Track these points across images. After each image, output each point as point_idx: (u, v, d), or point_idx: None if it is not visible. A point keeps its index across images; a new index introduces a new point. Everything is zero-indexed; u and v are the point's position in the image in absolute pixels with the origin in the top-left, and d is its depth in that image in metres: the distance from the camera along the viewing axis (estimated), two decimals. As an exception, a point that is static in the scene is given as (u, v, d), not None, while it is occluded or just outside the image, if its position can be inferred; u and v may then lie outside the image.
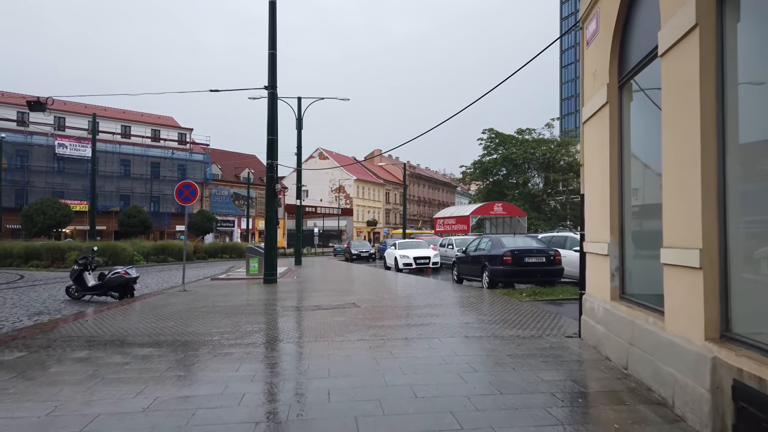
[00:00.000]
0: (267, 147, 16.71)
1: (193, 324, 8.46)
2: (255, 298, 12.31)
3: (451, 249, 24.15)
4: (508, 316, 8.75)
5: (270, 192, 16.65)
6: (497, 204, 37.10)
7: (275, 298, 12.15)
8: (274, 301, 11.68)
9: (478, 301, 10.89)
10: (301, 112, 30.66)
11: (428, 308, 9.84)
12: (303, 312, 9.78)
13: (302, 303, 11.20)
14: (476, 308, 9.85)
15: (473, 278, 14.27)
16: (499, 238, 13.34)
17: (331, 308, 10.11)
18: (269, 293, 13.40)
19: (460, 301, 10.88)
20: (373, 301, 11.26)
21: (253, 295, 13.05)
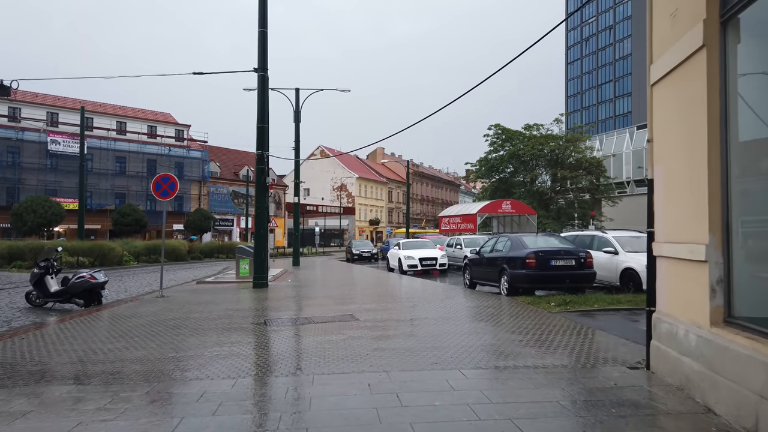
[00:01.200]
0: (257, 136, 15.02)
1: (149, 345, 6.77)
2: (237, 307, 10.62)
3: (459, 249, 22.42)
4: (542, 335, 7.04)
5: (260, 186, 14.96)
6: (505, 202, 35.34)
7: (261, 308, 10.45)
8: (258, 311, 9.98)
9: (498, 311, 9.17)
10: (299, 104, 28.98)
11: (441, 322, 8.12)
12: (289, 328, 8.08)
13: (292, 314, 9.49)
14: (499, 322, 8.13)
15: (488, 283, 12.55)
16: (520, 237, 11.61)
17: (325, 322, 8.41)
18: (255, 301, 11.71)
19: (478, 313, 9.17)
20: (375, 311, 9.55)
21: (236, 303, 11.36)
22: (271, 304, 10.95)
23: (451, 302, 10.56)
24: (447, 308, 9.69)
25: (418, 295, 12.08)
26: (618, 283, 12.06)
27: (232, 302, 11.42)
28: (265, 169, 14.96)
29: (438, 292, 12.83)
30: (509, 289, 11.15)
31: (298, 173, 29.58)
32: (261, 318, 8.94)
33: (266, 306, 10.67)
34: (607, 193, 46.97)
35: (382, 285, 15.74)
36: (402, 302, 10.89)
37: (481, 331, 7.37)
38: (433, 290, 13.25)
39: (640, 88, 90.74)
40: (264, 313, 9.67)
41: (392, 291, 13.56)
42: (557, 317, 8.50)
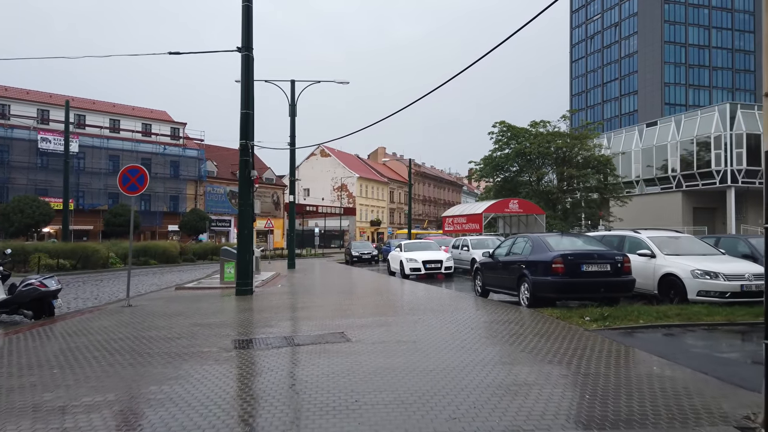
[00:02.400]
0: (240, 123, 13.35)
1: (64, 382, 5.08)
2: (208, 321, 8.92)
3: (465, 251, 20.70)
4: (589, 365, 5.35)
5: (244, 180, 13.28)
6: (513, 201, 33.62)
7: (235, 322, 8.75)
8: (230, 327, 8.29)
9: (522, 329, 7.47)
10: (294, 97, 27.33)
11: (454, 346, 6.42)
12: (260, 353, 6.37)
13: (269, 332, 7.80)
14: (527, 346, 6.43)
15: (504, 291, 10.82)
16: (543, 238, 9.87)
17: (308, 344, 6.71)
18: (233, 313, 10.01)
19: (497, 331, 7.47)
20: (372, 327, 7.86)
21: (209, 315, 9.65)
22: (249, 318, 9.25)
23: (462, 316, 8.86)
24: (458, 324, 7.99)
25: (422, 306, 10.38)
26: (656, 291, 10.35)
27: (204, 314, 9.72)
28: (249, 161, 13.29)
29: (445, 301, 11.12)
30: (531, 300, 9.42)
31: (293, 170, 27.92)
32: (229, 338, 7.24)
33: (242, 320, 8.97)
34: (616, 192, 45.20)
35: (381, 292, 14.04)
36: (404, 315, 9.19)
37: (507, 361, 5.67)
38: (440, 299, 11.54)
39: (645, 86, 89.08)
40: (237, 329, 7.97)
41: (393, 300, 11.86)
42: (598, 338, 6.80)
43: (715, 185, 46.72)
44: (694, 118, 49.40)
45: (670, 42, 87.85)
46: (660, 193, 51.50)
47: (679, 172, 49.49)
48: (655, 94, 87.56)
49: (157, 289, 16.80)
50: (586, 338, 6.79)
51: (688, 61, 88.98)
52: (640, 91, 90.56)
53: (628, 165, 53.23)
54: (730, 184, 45.72)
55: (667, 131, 51.18)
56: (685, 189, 49.17)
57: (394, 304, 10.97)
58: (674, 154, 50.30)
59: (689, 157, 48.87)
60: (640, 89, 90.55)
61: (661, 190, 51.54)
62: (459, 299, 11.35)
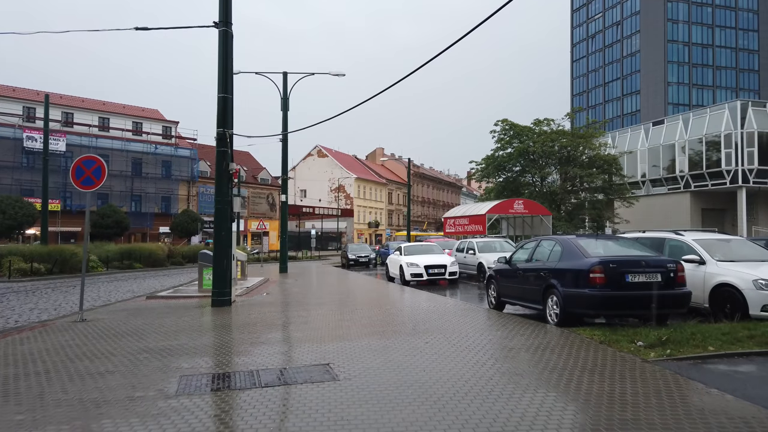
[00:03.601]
0: (218, 109, 11.64)
1: None
2: (164, 344, 7.19)
3: (471, 255, 18.99)
4: (679, 427, 3.63)
5: (221, 174, 11.57)
6: (517, 201, 31.92)
7: (195, 348, 7.02)
8: (188, 354, 6.56)
9: (562, 360, 5.77)
10: (286, 91, 25.64)
11: (482, 396, 4.70)
12: (204, 405, 4.65)
13: (233, 363, 6.08)
14: (581, 392, 4.72)
15: (526, 304, 9.10)
16: (575, 241, 8.09)
17: (278, 384, 5.00)
18: (198, 332, 8.28)
19: (533, 364, 5.75)
20: (366, 356, 6.15)
21: (169, 336, 7.93)
22: (215, 340, 7.52)
23: (479, 338, 7.14)
24: (476, 351, 6.28)
25: (427, 322, 8.67)
26: (706, 304, 8.66)
27: (164, 334, 8.00)
28: (227, 153, 11.57)
29: (454, 316, 9.41)
30: (561, 316, 7.71)
31: (285, 168, 26.22)
32: (177, 373, 5.52)
33: (204, 345, 7.23)
34: (622, 192, 43.55)
35: (379, 303, 12.32)
36: (406, 336, 7.47)
37: (560, 419, 3.95)
38: (447, 313, 9.83)
39: (648, 86, 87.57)
40: (191, 359, 6.24)
41: (392, 314, 10.13)
42: (666, 374, 5.11)
43: (726, 185, 45.10)
44: (702, 116, 47.80)
45: (673, 41, 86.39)
46: (667, 193, 49.88)
47: (687, 172, 47.87)
48: (658, 94, 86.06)
49: (129, 297, 15.07)
50: (651, 375, 5.09)
51: (692, 60, 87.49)
52: (643, 90, 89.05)
53: (633, 165, 51.59)
54: (741, 184, 44.10)
55: (674, 130, 49.56)
56: (694, 189, 47.55)
57: (394, 319, 9.26)
58: (682, 154, 48.68)
59: (698, 157, 47.26)
60: (642, 89, 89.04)
61: (668, 190, 49.92)
62: (470, 314, 9.64)
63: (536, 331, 7.40)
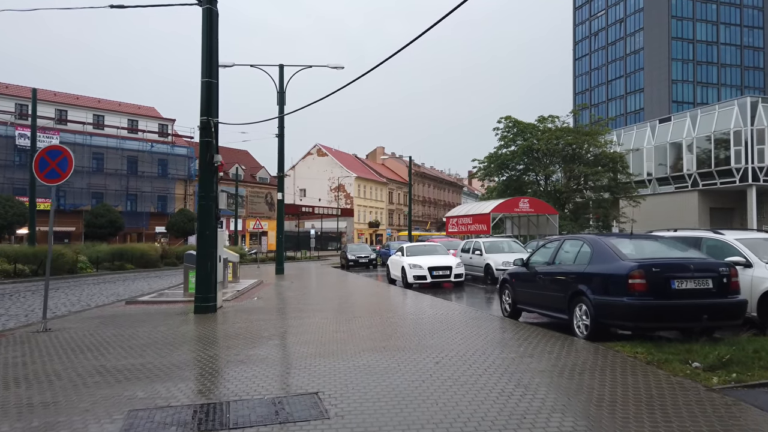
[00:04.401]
0: (201, 95, 10.57)
1: None
2: (124, 364, 6.10)
3: (478, 255, 17.88)
4: None
5: (205, 167, 10.49)
6: (523, 200, 30.81)
7: (161, 367, 5.91)
8: (148, 377, 5.46)
9: (603, 384, 4.68)
10: (283, 84, 24.55)
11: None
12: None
13: (204, 390, 4.97)
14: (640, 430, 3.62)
15: (547, 313, 7.99)
16: (608, 241, 6.94)
17: (248, 424, 3.88)
18: (170, 347, 7.18)
19: (571, 393, 4.65)
20: (365, 382, 5.05)
21: (135, 351, 6.83)
22: (186, 357, 6.42)
23: (500, 357, 6.04)
24: (501, 376, 5.18)
25: (435, 334, 7.58)
26: (754, 313, 7.55)
27: (129, 349, 6.91)
28: (212, 143, 10.49)
29: (466, 327, 8.31)
30: (593, 329, 6.60)
31: (282, 164, 25.12)
32: (129, 404, 4.41)
33: (173, 363, 6.12)
34: (628, 191, 42.43)
35: (380, 309, 11.23)
36: (411, 352, 6.37)
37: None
38: (457, 322, 8.74)
39: (652, 84, 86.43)
40: (150, 386, 5.13)
41: (394, 323, 9.03)
42: (742, 407, 4.00)
43: (735, 184, 43.99)
44: (711, 113, 46.66)
45: (678, 38, 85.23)
46: (674, 192, 48.74)
47: (695, 170, 46.76)
48: (663, 92, 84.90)
49: (111, 301, 13.98)
50: (725, 410, 3.99)
51: (696, 58, 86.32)
52: (647, 88, 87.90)
53: (639, 163, 50.44)
54: (751, 182, 42.98)
55: (681, 127, 48.42)
56: (702, 188, 46.44)
57: (397, 330, 8.15)
58: (690, 152, 47.54)
59: (705, 155, 46.14)
60: (646, 87, 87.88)
61: (675, 189, 48.79)
62: (482, 323, 8.54)
63: (565, 347, 6.30)
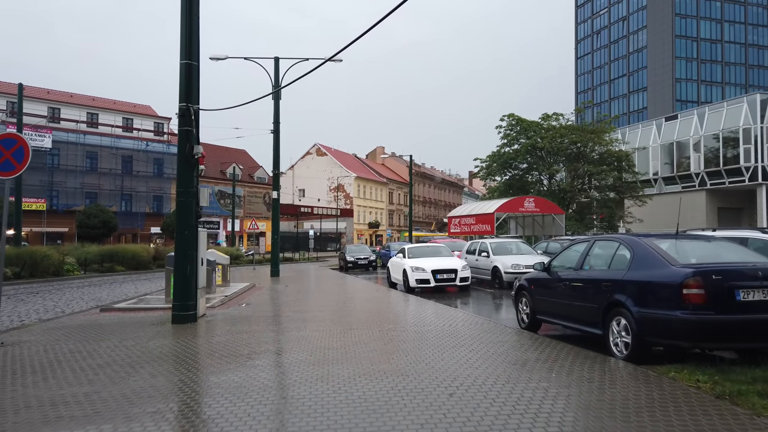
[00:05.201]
0: (180, 79, 9.44)
1: None
2: (70, 393, 4.98)
3: (485, 257, 16.74)
4: None
5: (184, 159, 9.35)
6: (528, 199, 29.69)
7: (107, 401, 4.79)
8: (83, 421, 4.33)
9: (665, 428, 3.55)
10: (278, 78, 23.44)
11: None
12: None
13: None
14: None
15: (575, 326, 6.87)
16: (651, 242, 5.78)
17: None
18: (130, 369, 6.05)
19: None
20: (360, 425, 3.92)
21: (85, 376, 5.71)
22: (141, 384, 5.29)
23: (529, 387, 4.91)
24: (538, 415, 4.06)
25: (444, 352, 6.47)
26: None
27: (80, 372, 5.80)
28: (191, 133, 9.35)
29: (480, 343, 7.18)
30: (636, 348, 5.47)
31: (277, 161, 24.00)
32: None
33: (122, 393, 4.99)
34: (633, 191, 41.30)
35: (379, 319, 10.11)
36: (418, 379, 5.25)
37: None
38: (467, 335, 7.62)
39: (656, 83, 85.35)
40: (87, 427, 4.01)
41: (395, 338, 7.90)
42: None
43: (744, 183, 42.84)
44: (719, 110, 45.50)
45: (682, 36, 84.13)
46: (681, 191, 47.56)
47: (702, 169, 45.60)
48: (666, 91, 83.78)
49: (87, 308, 12.86)
50: None
51: (700, 57, 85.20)
52: (650, 87, 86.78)
53: (645, 162, 49.28)
54: (761, 181, 41.83)
55: (688, 125, 47.27)
56: (710, 187, 45.28)
57: (398, 347, 7.02)
58: (697, 150, 46.39)
59: (713, 153, 45.00)
60: (649, 86, 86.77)
61: (682, 188, 47.63)
62: (498, 337, 7.41)
63: (606, 373, 5.17)
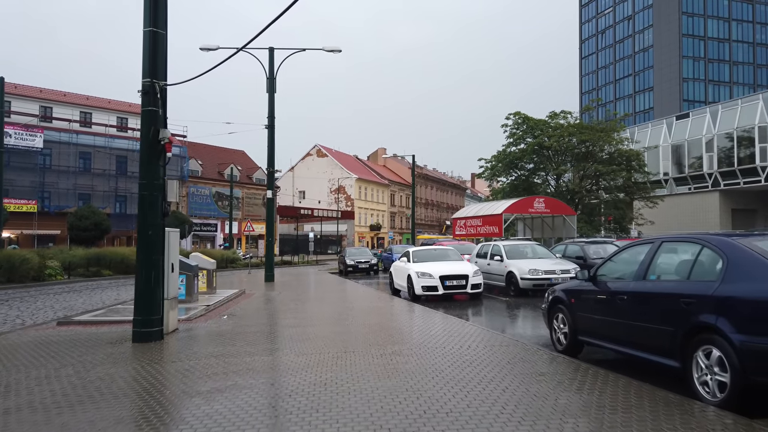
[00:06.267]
0: (144, 50, 7.94)
1: None
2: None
3: (497, 261, 15.17)
4: None
5: (148, 145, 7.83)
6: (538, 199, 28.16)
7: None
8: None
9: None
10: (273, 70, 21.96)
11: None
12: None
13: None
14: None
15: (636, 353, 5.29)
16: (753, 244, 4.35)
17: None
18: (36, 418, 4.52)
19: None
20: None
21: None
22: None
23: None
24: None
25: (468, 395, 4.95)
26: None
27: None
28: (157, 114, 7.84)
29: (511, 374, 5.64)
30: (737, 391, 3.96)
31: (272, 158, 22.46)
32: None
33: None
34: (645, 191, 39.76)
35: (380, 339, 8.57)
36: None
37: None
38: (495, 365, 6.08)
39: (662, 82, 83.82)
40: None
41: (402, 369, 6.35)
42: None
43: (760, 183, 41.26)
44: (733, 108, 43.93)
45: (689, 35, 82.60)
46: (693, 192, 46.05)
47: (715, 169, 44.04)
48: (673, 90, 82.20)
49: (48, 319, 11.34)
50: None
51: (707, 56, 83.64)
52: (656, 87, 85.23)
53: (655, 162, 47.73)
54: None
55: (701, 124, 45.71)
56: (723, 188, 43.71)
57: (407, 383, 5.49)
58: (710, 149, 44.82)
59: (727, 153, 43.46)
60: (656, 85, 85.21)
61: (694, 189, 46.09)
62: (534, 366, 5.86)
63: (694, 427, 3.62)
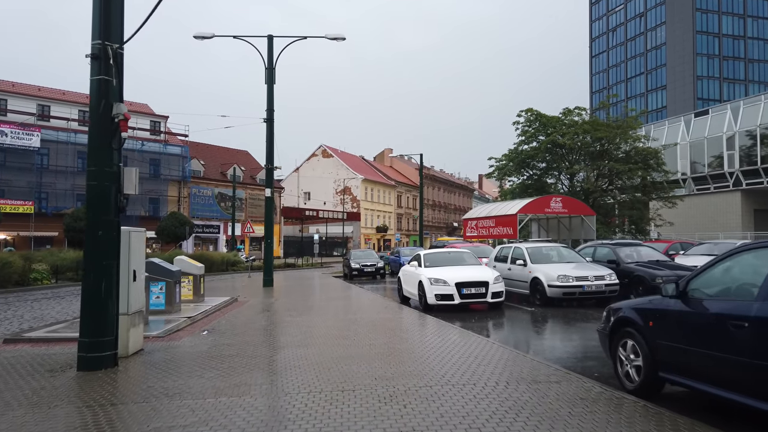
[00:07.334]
0: (94, 6, 6.37)
1: None
2: None
3: (520, 266, 13.47)
4: None
5: (98, 122, 6.26)
6: (555, 198, 26.39)
7: None
8: None
9: None
10: (272, 60, 20.44)
11: None
12: None
13: None
14: None
15: (754, 403, 3.72)
16: None
17: None
18: None
19: None
20: None
21: None
22: None
23: None
24: None
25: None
26: None
27: None
28: (110, 85, 6.26)
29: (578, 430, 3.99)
30: None
31: (271, 155, 20.91)
32: None
33: None
34: (663, 191, 37.85)
35: (387, 366, 6.94)
36: None
37: None
38: (549, 414, 4.45)
39: (675, 80, 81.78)
40: None
41: (416, 423, 4.74)
42: None
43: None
44: (756, 104, 41.96)
45: (703, 32, 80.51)
46: (713, 192, 44.11)
47: (737, 168, 42.10)
48: (687, 89, 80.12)
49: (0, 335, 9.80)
50: None
51: (722, 53, 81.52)
52: (669, 85, 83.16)
53: (672, 160, 45.74)
54: (804, 180, 38.44)
55: (721, 121, 43.78)
56: (745, 188, 41.78)
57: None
58: (731, 147, 42.86)
59: (750, 151, 41.53)
60: (669, 84, 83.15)
61: (714, 189, 44.16)
62: (605, 416, 4.24)
63: None
